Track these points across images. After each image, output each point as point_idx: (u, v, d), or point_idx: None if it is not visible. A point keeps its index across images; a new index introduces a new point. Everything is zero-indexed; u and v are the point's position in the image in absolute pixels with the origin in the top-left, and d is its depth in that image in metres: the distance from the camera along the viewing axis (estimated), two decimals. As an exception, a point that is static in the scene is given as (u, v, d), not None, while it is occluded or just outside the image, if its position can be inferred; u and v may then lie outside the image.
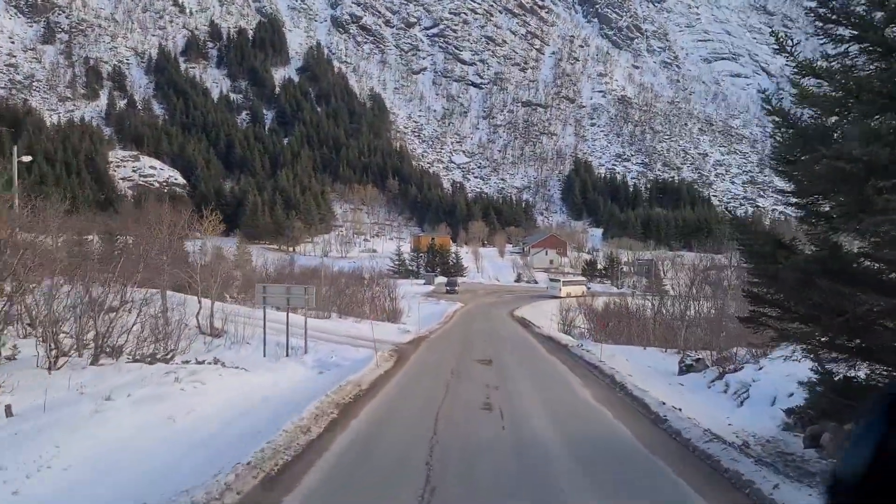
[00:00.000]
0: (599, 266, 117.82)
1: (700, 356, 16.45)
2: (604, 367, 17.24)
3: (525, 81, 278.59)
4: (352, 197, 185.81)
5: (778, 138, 11.35)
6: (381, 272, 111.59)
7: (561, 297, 76.67)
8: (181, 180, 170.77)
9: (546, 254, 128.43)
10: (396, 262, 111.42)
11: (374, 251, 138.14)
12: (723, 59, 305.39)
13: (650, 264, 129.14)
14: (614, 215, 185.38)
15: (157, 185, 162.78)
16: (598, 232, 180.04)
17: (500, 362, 20.05)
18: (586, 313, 53.03)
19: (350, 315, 40.99)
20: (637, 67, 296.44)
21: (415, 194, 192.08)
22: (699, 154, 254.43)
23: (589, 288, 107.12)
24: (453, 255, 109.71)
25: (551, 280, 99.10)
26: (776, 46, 10.48)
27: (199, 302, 20.03)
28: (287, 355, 17.86)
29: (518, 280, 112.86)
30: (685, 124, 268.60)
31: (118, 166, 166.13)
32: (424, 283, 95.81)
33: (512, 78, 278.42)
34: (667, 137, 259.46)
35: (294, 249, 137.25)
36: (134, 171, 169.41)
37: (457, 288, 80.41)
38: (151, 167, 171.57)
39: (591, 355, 20.80)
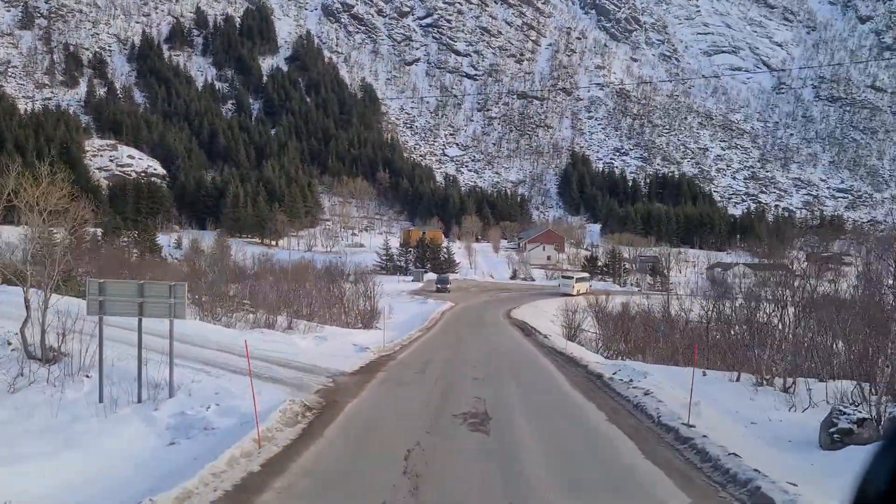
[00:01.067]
0: (600, 262, 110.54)
1: (863, 414, 9.18)
2: (703, 444, 9.35)
3: (521, 73, 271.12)
4: (341, 190, 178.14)
5: None
6: (366, 268, 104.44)
7: (573, 296, 70.33)
8: (161, 170, 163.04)
9: (543, 249, 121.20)
10: (384, 258, 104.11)
11: (362, 245, 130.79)
12: (723, 52, 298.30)
13: (654, 261, 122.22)
14: (613, 210, 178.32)
15: (134, 175, 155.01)
16: (597, 228, 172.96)
17: (503, 422, 11.75)
18: (598, 316, 45.69)
19: (313, 319, 33.61)
20: (636, 60, 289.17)
21: (406, 187, 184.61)
22: (699, 148, 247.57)
23: (590, 286, 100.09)
24: (445, 250, 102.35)
25: (563, 277, 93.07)
26: None
27: (27, 305, 12.57)
28: (139, 400, 10.57)
29: (514, 277, 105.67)
30: (685, 118, 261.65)
31: (94, 155, 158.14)
32: (413, 280, 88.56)
33: (507, 69, 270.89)
34: (666, 131, 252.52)
35: (277, 244, 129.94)
36: (111, 160, 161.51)
37: (448, 286, 73.14)
38: (130, 157, 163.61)
39: (653, 401, 12.95)
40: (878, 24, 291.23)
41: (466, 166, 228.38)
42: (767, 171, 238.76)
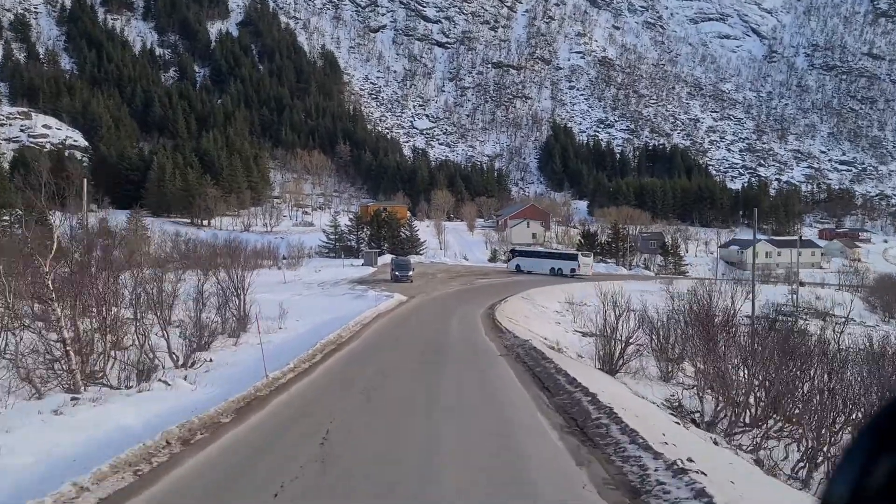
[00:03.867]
0: (600, 240, 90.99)
1: None
2: None
3: (496, 41, 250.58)
4: (295, 164, 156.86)
5: None
6: (308, 249, 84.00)
7: (585, 278, 52.39)
8: (82, 142, 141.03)
9: (528, 226, 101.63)
10: (332, 237, 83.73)
11: (312, 225, 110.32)
12: (710, 19, 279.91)
13: (657, 238, 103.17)
14: (602, 185, 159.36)
15: (49, 147, 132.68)
16: (583, 204, 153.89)
17: None
18: (644, 323, 25.69)
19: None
20: (618, 28, 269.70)
21: (369, 161, 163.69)
22: (690, 119, 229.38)
23: (593, 267, 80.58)
24: (406, 227, 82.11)
25: (563, 255, 75.03)
26: None
27: None
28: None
29: (493, 259, 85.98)
30: (672, 88, 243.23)
31: (1, 125, 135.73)
32: (363, 265, 68.29)
33: (481, 37, 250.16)
34: (653, 102, 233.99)
35: (209, 223, 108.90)
36: (22, 130, 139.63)
37: (409, 272, 52.70)
38: (45, 126, 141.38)
39: None
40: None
41: (437, 139, 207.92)
42: (764, 143, 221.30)
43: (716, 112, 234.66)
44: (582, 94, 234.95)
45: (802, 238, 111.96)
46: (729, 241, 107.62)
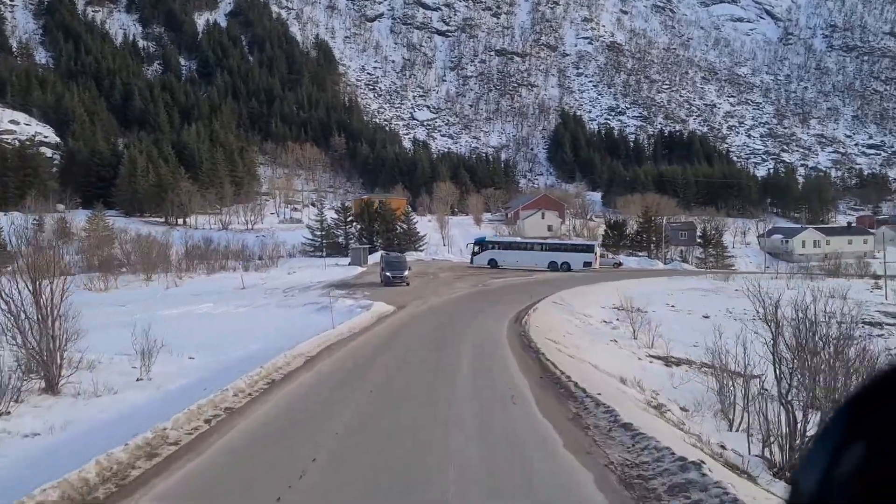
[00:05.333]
0: (629, 231, 79.14)
1: None
2: None
3: (498, 28, 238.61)
4: (286, 159, 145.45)
5: None
6: (291, 248, 72.64)
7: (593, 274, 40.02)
8: (54, 138, 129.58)
9: (542, 216, 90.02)
10: (318, 234, 72.15)
11: (300, 222, 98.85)
12: (722, 2, 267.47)
13: (689, 228, 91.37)
14: (617, 173, 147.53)
15: (16, 143, 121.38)
16: (597, 196, 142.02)
17: None
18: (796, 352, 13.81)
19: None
20: (626, 13, 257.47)
21: (366, 154, 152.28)
22: (706, 105, 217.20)
23: (619, 263, 68.89)
24: (403, 220, 70.45)
25: (569, 246, 62.72)
26: None
27: None
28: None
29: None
30: (685, 73, 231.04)
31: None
32: (350, 263, 56.76)
33: (483, 24, 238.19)
34: (666, 87, 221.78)
35: (184, 222, 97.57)
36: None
37: (403, 273, 40.76)
38: (13, 122, 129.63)
39: None
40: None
41: (439, 130, 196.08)
42: (785, 128, 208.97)
43: (732, 97, 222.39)
44: (591, 81, 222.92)
45: (851, 225, 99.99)
46: (770, 229, 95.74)
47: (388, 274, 39.70)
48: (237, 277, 45.88)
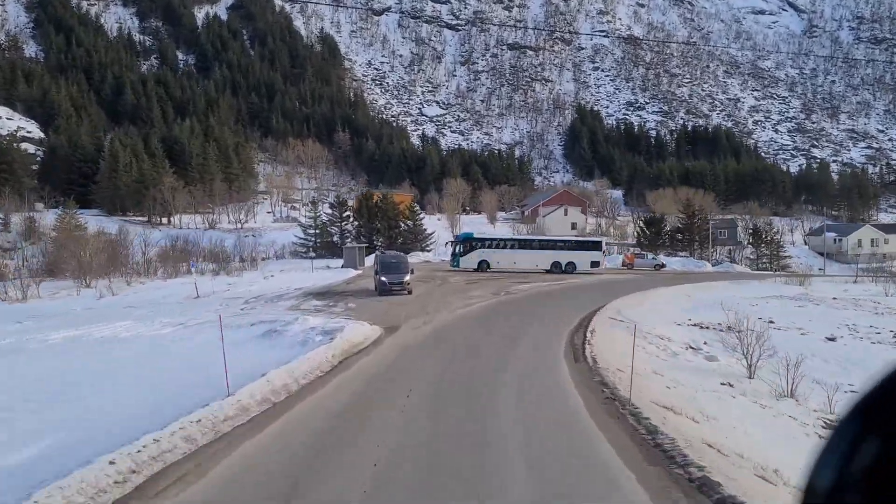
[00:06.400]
0: (668, 228, 69.51)
1: None
2: None
3: (511, 21, 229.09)
4: (287, 155, 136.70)
5: None
6: (280, 248, 63.61)
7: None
8: (38, 133, 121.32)
9: (565, 213, 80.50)
10: (310, 233, 62.99)
11: (295, 220, 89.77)
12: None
13: (729, 226, 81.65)
14: (639, 170, 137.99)
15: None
16: (618, 193, 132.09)
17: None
18: None
19: None
20: (643, 6, 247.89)
21: (372, 150, 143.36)
22: (729, 99, 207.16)
23: (661, 265, 59.31)
24: (408, 216, 61.11)
25: (571, 242, 52.38)
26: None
27: None
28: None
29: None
30: (707, 66, 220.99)
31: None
32: (344, 265, 47.54)
33: (494, 17, 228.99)
34: (687, 81, 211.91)
35: (168, 221, 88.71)
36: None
37: (405, 278, 30.95)
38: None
39: None
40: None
41: (449, 127, 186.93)
42: (814, 122, 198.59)
43: (757, 91, 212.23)
44: (607, 76, 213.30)
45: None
46: (819, 227, 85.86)
47: (383, 279, 30.37)
48: (202, 282, 36.72)
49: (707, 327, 24.09)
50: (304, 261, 57.27)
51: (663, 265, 57.46)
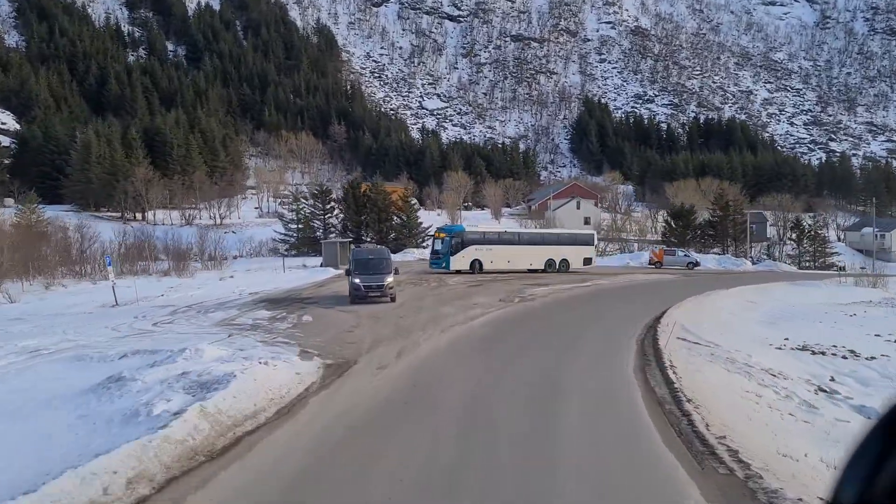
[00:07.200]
0: (699, 219, 61.95)
1: None
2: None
3: (514, 12, 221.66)
4: (279, 148, 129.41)
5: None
6: (259, 244, 56.27)
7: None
8: (12, 125, 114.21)
9: (578, 206, 72.95)
10: (292, 228, 55.58)
11: (282, 216, 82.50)
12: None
13: (759, 220, 74.09)
14: (652, 163, 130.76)
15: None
16: (628, 188, 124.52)
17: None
18: None
19: None
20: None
21: (369, 143, 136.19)
22: (741, 92, 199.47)
23: (695, 263, 51.87)
24: (402, 207, 53.61)
25: (557, 237, 44.58)
26: None
27: None
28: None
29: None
30: (717, 58, 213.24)
31: None
32: (323, 264, 40.18)
33: (497, 8, 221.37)
34: (698, 73, 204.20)
35: (143, 216, 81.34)
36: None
37: (386, 280, 23.27)
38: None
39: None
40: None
41: (450, 120, 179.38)
42: (830, 115, 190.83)
43: (770, 83, 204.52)
44: (615, 68, 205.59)
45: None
46: (856, 222, 78.32)
47: (356, 281, 22.93)
48: (143, 285, 29.34)
49: (817, 352, 16.63)
50: (290, 259, 49.94)
51: (697, 263, 50.07)
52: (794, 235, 64.20)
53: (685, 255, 51.04)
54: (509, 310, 22.23)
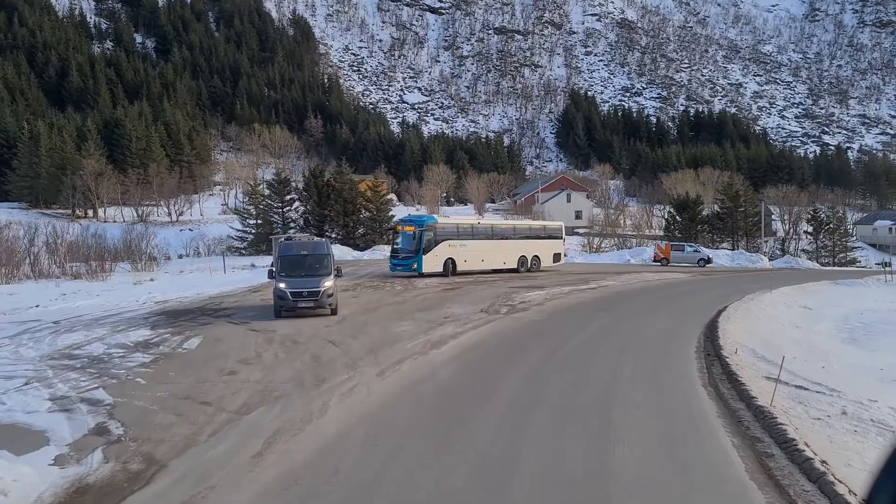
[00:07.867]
0: (705, 211, 56.07)
1: None
2: None
3: (497, 4, 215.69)
4: (251, 142, 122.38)
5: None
6: (214, 242, 49.81)
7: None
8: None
9: (568, 199, 66.91)
10: (249, 224, 49.07)
11: (241, 211, 75.88)
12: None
13: (766, 212, 68.51)
14: (642, 157, 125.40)
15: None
16: (618, 183, 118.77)
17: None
18: None
19: None
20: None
21: (346, 137, 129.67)
22: (731, 84, 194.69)
23: (707, 260, 45.99)
24: (369, 196, 47.24)
25: (526, 231, 38.18)
26: None
27: None
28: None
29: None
30: (705, 51, 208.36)
31: None
32: (272, 264, 33.46)
33: (480, 0, 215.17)
34: (686, 66, 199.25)
35: (94, 213, 74.47)
36: None
37: (321, 286, 16.91)
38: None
39: None
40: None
41: (432, 114, 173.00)
42: (822, 108, 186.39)
43: (759, 76, 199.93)
44: (601, 61, 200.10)
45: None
46: (866, 216, 72.86)
47: (282, 287, 16.85)
48: (31, 289, 22.84)
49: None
50: (235, 258, 43.47)
51: (709, 260, 44.26)
52: (810, 229, 58.55)
53: (695, 251, 45.10)
54: (494, 328, 16.03)
